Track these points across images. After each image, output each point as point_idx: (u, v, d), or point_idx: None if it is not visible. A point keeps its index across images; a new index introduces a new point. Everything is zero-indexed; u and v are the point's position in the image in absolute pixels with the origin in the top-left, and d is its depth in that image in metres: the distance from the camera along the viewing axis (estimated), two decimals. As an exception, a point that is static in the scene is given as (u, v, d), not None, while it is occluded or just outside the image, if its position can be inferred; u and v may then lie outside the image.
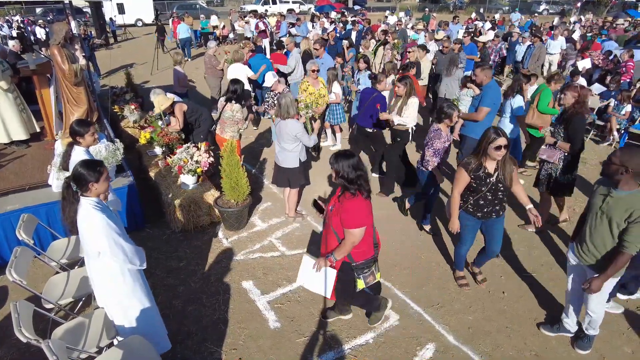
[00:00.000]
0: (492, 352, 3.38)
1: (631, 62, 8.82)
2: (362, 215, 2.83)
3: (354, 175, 2.79)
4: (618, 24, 16.07)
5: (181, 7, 27.47)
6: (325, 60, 8.14)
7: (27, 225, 3.63)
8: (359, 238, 2.87)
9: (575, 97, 4.42)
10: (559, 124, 4.58)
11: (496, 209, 3.54)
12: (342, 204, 2.86)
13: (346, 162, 2.80)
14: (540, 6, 32.39)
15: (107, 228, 2.57)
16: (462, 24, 16.28)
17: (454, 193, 3.55)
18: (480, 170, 3.38)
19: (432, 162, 4.46)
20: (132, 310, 2.90)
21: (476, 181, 3.41)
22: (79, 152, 3.45)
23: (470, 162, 3.42)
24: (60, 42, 4.71)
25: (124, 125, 7.18)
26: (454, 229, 3.68)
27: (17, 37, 11.75)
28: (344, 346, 3.42)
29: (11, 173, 5.04)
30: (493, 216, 3.57)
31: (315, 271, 3.03)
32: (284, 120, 4.59)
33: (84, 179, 2.56)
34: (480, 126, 5.18)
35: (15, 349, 3.37)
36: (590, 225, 2.92)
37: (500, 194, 3.46)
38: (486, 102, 5.14)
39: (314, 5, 28.80)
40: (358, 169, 2.81)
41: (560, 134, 4.50)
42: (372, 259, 3.12)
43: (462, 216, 3.65)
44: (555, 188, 4.65)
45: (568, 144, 4.41)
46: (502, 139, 3.24)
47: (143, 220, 5.05)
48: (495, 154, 3.28)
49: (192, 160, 4.97)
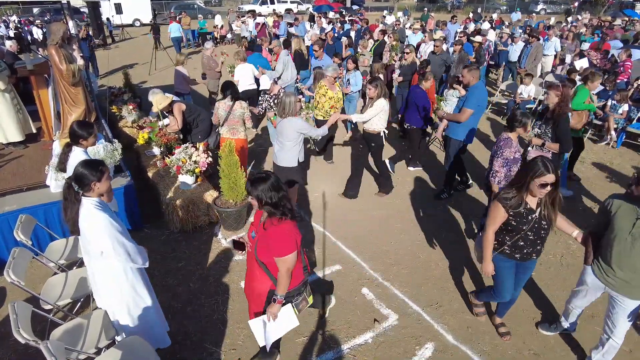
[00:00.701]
0: (491, 351, 3.38)
1: (629, 61, 8.84)
2: (292, 239, 2.58)
3: (277, 198, 2.54)
4: (615, 24, 16.10)
5: (179, 7, 27.42)
6: (325, 62, 8.03)
7: (25, 226, 3.62)
8: (293, 263, 2.61)
9: (558, 96, 4.41)
10: (545, 124, 4.56)
11: (537, 249, 3.04)
12: (269, 231, 2.57)
13: (264, 186, 2.52)
14: (537, 6, 32.46)
15: (110, 227, 2.58)
16: (460, 24, 16.31)
17: (488, 232, 3.01)
18: (520, 207, 2.86)
19: (500, 173, 4.00)
20: (135, 308, 2.91)
21: (516, 219, 2.89)
22: (78, 153, 3.44)
23: (508, 197, 2.87)
24: (58, 42, 4.69)
25: (122, 126, 7.16)
26: (487, 272, 3.16)
27: (14, 37, 11.73)
28: (343, 346, 3.42)
29: (9, 174, 5.03)
30: (533, 257, 3.08)
31: (273, 321, 2.76)
32: (286, 118, 4.59)
33: (86, 178, 2.55)
34: (463, 127, 5.20)
35: (13, 351, 3.36)
36: (618, 251, 2.70)
37: (543, 232, 2.94)
38: (470, 104, 5.04)
39: (312, 5, 28.78)
40: (279, 189, 2.57)
41: (548, 135, 4.50)
42: (303, 283, 2.89)
43: (497, 258, 3.12)
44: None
45: (557, 144, 4.41)
46: (551, 176, 2.66)
47: (141, 221, 5.04)
48: (539, 192, 2.76)
49: (191, 161, 4.96)
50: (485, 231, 3.04)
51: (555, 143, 4.42)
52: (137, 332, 2.90)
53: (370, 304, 3.87)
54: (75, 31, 7.39)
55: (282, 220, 2.56)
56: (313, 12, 21.56)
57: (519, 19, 20.26)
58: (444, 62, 8.99)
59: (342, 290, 4.04)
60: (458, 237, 4.90)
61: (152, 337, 3.05)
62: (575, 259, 4.51)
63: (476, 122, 5.32)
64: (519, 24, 17.85)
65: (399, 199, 5.78)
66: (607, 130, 7.72)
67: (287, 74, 7.86)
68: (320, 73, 6.95)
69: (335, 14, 19.56)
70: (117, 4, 21.31)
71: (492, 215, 2.95)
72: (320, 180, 6.28)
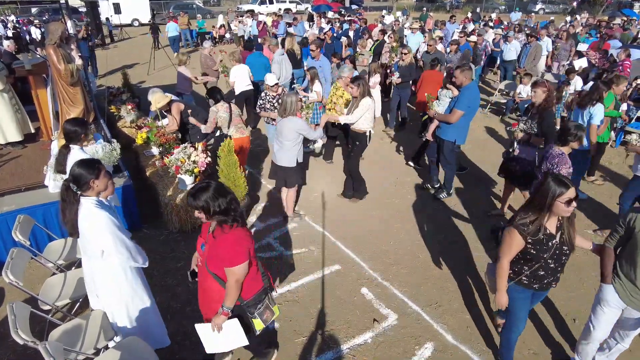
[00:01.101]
0: (490, 351, 3.38)
1: (628, 61, 8.85)
2: (244, 248, 2.41)
3: (225, 204, 2.36)
4: (615, 24, 16.10)
5: (178, 6, 27.38)
6: (323, 63, 7.89)
7: (24, 226, 3.61)
8: (243, 275, 2.44)
9: (545, 92, 4.44)
10: (531, 120, 4.61)
11: (557, 277, 2.77)
12: (219, 240, 2.40)
13: (208, 194, 2.34)
14: (536, 5, 32.49)
15: (111, 225, 2.58)
16: (458, 24, 16.31)
17: (503, 262, 2.71)
18: (540, 233, 2.57)
19: None
20: (134, 308, 2.91)
21: (535, 247, 2.60)
22: (76, 152, 3.42)
23: (526, 222, 2.58)
24: (56, 42, 4.67)
25: (121, 126, 7.14)
26: (501, 305, 2.84)
27: (12, 37, 11.69)
28: (342, 346, 3.42)
29: (7, 174, 5.01)
30: (553, 286, 2.80)
31: (217, 332, 2.61)
32: (285, 118, 4.58)
33: (84, 177, 2.54)
34: (454, 128, 5.17)
35: (12, 351, 3.35)
36: None
37: (565, 257, 2.68)
38: (461, 105, 5.00)
39: (311, 5, 28.77)
40: (225, 193, 2.39)
41: (534, 129, 4.53)
42: (263, 290, 2.68)
43: (512, 289, 2.82)
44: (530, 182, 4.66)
45: (542, 139, 4.47)
46: (572, 190, 2.45)
47: (140, 221, 5.03)
48: (565, 210, 2.48)
49: (190, 160, 4.95)
50: (499, 260, 2.74)
51: (540, 138, 4.47)
52: (136, 332, 2.90)
53: (369, 304, 3.86)
54: (74, 31, 7.38)
55: (233, 228, 2.39)
56: (312, 12, 21.56)
57: (519, 18, 20.27)
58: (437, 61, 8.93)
59: (342, 290, 4.03)
60: (457, 237, 4.90)
61: (151, 337, 3.04)
62: (575, 258, 4.51)
63: (467, 123, 5.29)
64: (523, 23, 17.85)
65: (399, 198, 5.77)
66: (605, 129, 7.72)
67: (283, 73, 7.92)
68: (315, 73, 6.90)
69: (334, 14, 19.56)
70: (116, 3, 21.29)
71: (508, 243, 2.65)
72: (320, 180, 6.27)
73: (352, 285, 4.10)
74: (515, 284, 2.80)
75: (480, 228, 5.04)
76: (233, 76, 7.70)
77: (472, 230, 5.02)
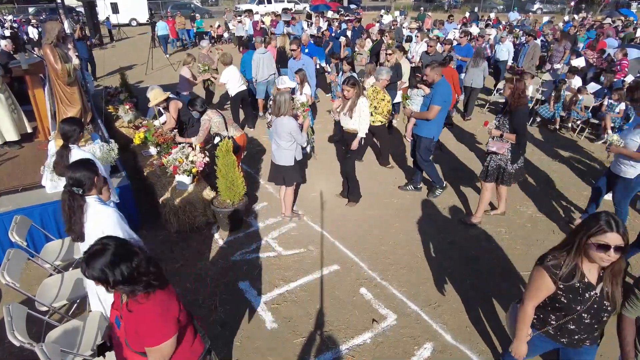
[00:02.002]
0: (489, 350, 3.38)
1: (625, 60, 8.87)
2: (170, 319, 1.89)
3: (129, 269, 1.79)
4: (605, 23, 16.13)
5: (175, 6, 27.34)
6: (305, 61, 7.78)
7: (20, 227, 3.59)
8: (170, 351, 1.92)
9: (511, 88, 4.47)
10: (503, 116, 4.65)
11: (593, 336, 2.25)
12: (135, 314, 1.85)
13: (104, 260, 1.77)
14: (534, 5, 32.55)
15: (119, 219, 2.58)
16: (457, 23, 16.33)
17: (527, 307, 2.28)
18: (574, 278, 2.11)
19: None
20: None
21: (567, 295, 2.14)
22: (77, 152, 3.41)
23: (557, 263, 2.15)
24: (53, 41, 4.66)
25: (119, 126, 7.12)
26: (519, 356, 2.41)
27: (9, 36, 11.64)
28: (341, 346, 3.41)
29: (4, 174, 4.98)
30: (586, 344, 2.27)
31: None
32: (279, 117, 4.57)
33: (87, 177, 2.53)
34: (432, 124, 5.29)
35: (8, 353, 3.33)
36: None
37: (605, 315, 2.15)
38: (437, 101, 5.11)
39: (309, 5, 28.76)
40: (129, 255, 1.82)
41: (506, 126, 4.58)
42: (203, 355, 2.18)
43: (536, 337, 2.39)
44: (506, 178, 4.75)
45: (514, 135, 4.52)
46: (614, 236, 1.96)
47: (138, 221, 5.01)
48: (599, 257, 2.01)
49: (188, 161, 4.94)
50: (523, 303, 2.31)
51: (512, 134, 4.54)
52: None
53: (368, 304, 3.85)
54: (70, 30, 7.34)
55: (149, 295, 1.85)
56: (310, 12, 21.55)
57: (517, 18, 20.30)
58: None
59: (341, 291, 4.02)
60: (456, 236, 4.90)
61: None
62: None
63: (443, 118, 5.40)
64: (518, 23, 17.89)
65: (397, 198, 5.76)
66: (603, 129, 7.72)
67: (259, 72, 8.08)
68: (304, 75, 6.69)
69: (333, 13, 19.56)
70: (114, 3, 21.26)
71: (535, 285, 2.21)
72: (319, 179, 6.26)
73: (351, 286, 4.09)
74: (539, 334, 2.35)
75: (479, 228, 5.04)
76: (225, 78, 7.71)
77: (471, 230, 5.01)
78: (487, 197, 4.99)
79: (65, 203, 2.53)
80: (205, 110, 5.21)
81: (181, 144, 5.18)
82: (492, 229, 5.03)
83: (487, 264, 4.40)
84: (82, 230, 2.55)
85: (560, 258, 2.16)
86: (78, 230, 2.55)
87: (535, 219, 5.25)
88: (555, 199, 5.73)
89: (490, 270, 4.32)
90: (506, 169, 4.71)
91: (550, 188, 6.02)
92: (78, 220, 2.53)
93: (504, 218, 5.24)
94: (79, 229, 2.55)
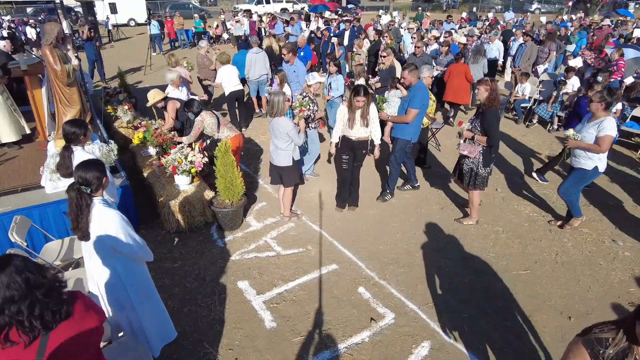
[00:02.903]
0: (487, 349, 3.40)
1: (622, 60, 8.90)
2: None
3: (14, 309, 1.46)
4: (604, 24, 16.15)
5: (174, 6, 27.33)
6: (297, 67, 7.32)
7: (20, 227, 3.60)
8: None
9: (487, 90, 4.49)
10: (476, 119, 4.67)
11: None
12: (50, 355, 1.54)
13: None
14: (532, 5, 32.59)
15: (122, 222, 2.60)
16: (455, 23, 16.36)
17: None
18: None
19: None
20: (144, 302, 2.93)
21: None
22: (80, 153, 3.42)
23: (604, 340, 1.65)
24: (52, 42, 4.67)
25: (117, 126, 7.14)
26: None
27: (7, 37, 11.62)
28: (339, 345, 3.43)
29: (3, 175, 4.99)
30: None
31: None
32: (274, 118, 4.59)
33: (97, 177, 2.55)
34: (410, 127, 5.28)
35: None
36: None
37: None
38: (415, 104, 5.08)
39: (308, 5, 28.76)
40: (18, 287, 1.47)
41: (477, 128, 4.60)
42: None
43: None
44: (479, 182, 4.77)
45: (485, 137, 4.53)
46: None
47: (137, 221, 5.02)
48: None
49: (187, 161, 4.96)
50: None
51: (483, 136, 4.55)
52: (145, 328, 2.93)
53: (366, 303, 3.88)
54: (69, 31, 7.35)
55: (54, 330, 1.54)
56: (309, 12, 21.57)
57: (512, 17, 20.34)
58: (424, 64, 8.63)
59: (339, 290, 4.05)
60: (454, 236, 4.92)
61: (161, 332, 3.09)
62: (570, 257, 4.54)
63: (421, 121, 5.42)
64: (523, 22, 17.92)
65: (395, 198, 5.79)
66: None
67: (251, 71, 8.16)
68: (284, 75, 6.47)
69: (331, 14, 19.58)
70: (112, 3, 21.26)
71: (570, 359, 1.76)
72: (317, 179, 6.29)
73: (350, 285, 4.12)
74: None
75: (477, 227, 5.07)
76: (220, 77, 7.76)
77: (469, 229, 5.04)
78: (477, 199, 5.01)
79: (73, 201, 2.54)
80: (200, 111, 5.23)
81: (180, 145, 5.19)
82: (490, 228, 5.06)
83: (484, 263, 4.43)
84: (87, 229, 2.58)
85: (608, 333, 1.66)
86: (84, 229, 2.57)
87: (533, 219, 5.28)
88: (553, 198, 5.76)
89: (488, 269, 4.35)
90: (478, 173, 4.70)
91: (548, 187, 6.05)
92: (85, 219, 2.55)
93: (501, 217, 5.28)
94: (85, 227, 2.57)
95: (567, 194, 4.77)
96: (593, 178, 4.65)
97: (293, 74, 7.19)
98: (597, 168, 4.49)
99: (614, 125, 4.33)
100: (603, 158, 4.48)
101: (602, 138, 4.30)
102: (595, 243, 4.78)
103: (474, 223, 5.10)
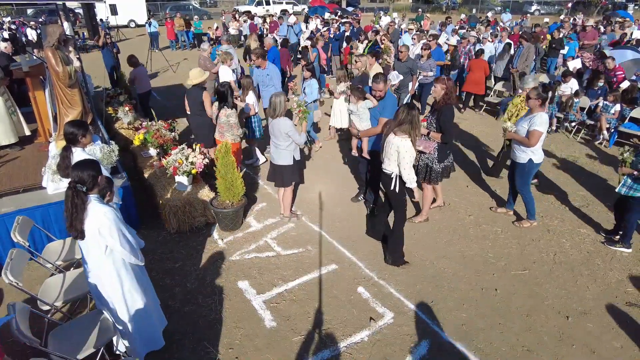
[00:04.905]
0: (485, 348, 3.43)
1: (620, 70, 8.89)
2: None
3: None
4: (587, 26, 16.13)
5: (174, 8, 27.39)
6: (271, 71, 6.81)
7: (22, 227, 3.63)
8: None
9: (444, 89, 4.57)
10: (432, 115, 4.75)
11: None
12: None
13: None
14: (532, 6, 32.64)
15: (116, 220, 2.64)
16: (454, 24, 16.40)
17: None
18: None
19: None
20: (134, 306, 2.95)
21: None
22: (79, 153, 3.45)
23: None
24: (54, 44, 4.70)
25: (118, 127, 7.17)
26: None
27: (8, 38, 11.66)
28: (339, 344, 3.46)
29: (5, 175, 5.02)
30: None
31: None
32: (275, 119, 4.63)
33: (91, 175, 2.60)
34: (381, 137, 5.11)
35: (10, 352, 3.37)
36: None
37: None
38: (387, 113, 4.75)
39: (308, 7, 28.81)
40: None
41: (433, 125, 4.68)
42: None
43: None
44: (433, 176, 4.85)
45: (439, 134, 4.62)
46: None
47: (138, 222, 5.05)
48: None
49: (187, 162, 4.99)
50: None
51: (438, 133, 4.62)
52: (136, 330, 2.94)
53: (366, 303, 3.90)
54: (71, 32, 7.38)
55: None
56: (308, 15, 21.62)
57: (510, 19, 20.39)
58: (409, 70, 8.18)
59: (338, 289, 4.07)
60: (452, 235, 4.95)
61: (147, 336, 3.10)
62: (568, 257, 4.57)
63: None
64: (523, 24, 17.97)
65: (395, 198, 5.81)
66: (599, 129, 7.81)
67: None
68: (249, 83, 6.32)
69: (331, 15, 19.63)
70: (112, 5, 21.29)
71: None
72: (317, 179, 6.31)
73: (349, 285, 4.14)
74: None
75: (475, 227, 5.10)
76: (221, 77, 7.79)
77: (467, 229, 5.07)
78: (429, 195, 5.10)
79: (69, 199, 2.59)
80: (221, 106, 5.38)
81: (181, 146, 5.22)
82: (488, 228, 5.09)
83: (482, 263, 4.46)
84: (82, 228, 2.61)
85: None
86: (79, 227, 2.61)
87: (531, 219, 5.31)
88: (551, 199, 5.79)
89: (486, 269, 4.37)
90: (433, 168, 4.78)
91: (547, 188, 6.08)
92: (79, 217, 2.59)
93: (500, 218, 5.30)
94: (79, 226, 2.60)
95: (522, 191, 4.95)
96: (533, 169, 4.83)
97: (267, 78, 6.80)
98: (531, 160, 4.71)
99: (545, 121, 4.54)
100: (536, 151, 4.69)
101: (532, 132, 4.55)
102: (593, 243, 4.81)
103: (424, 220, 5.18)
